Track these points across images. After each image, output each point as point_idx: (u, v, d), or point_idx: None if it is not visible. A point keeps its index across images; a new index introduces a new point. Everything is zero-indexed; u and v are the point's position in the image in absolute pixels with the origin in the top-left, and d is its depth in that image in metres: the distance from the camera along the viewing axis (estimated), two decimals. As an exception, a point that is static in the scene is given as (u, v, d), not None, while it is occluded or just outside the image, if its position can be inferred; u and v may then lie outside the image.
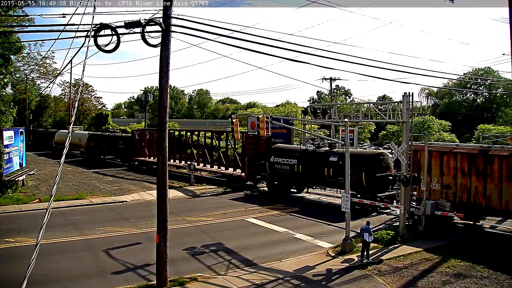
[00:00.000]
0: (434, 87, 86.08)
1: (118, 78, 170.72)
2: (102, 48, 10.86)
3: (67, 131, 53.49)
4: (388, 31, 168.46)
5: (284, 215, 22.18)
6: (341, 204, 16.19)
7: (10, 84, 41.59)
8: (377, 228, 19.08)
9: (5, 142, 25.89)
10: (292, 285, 12.68)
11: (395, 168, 22.64)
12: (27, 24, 30.38)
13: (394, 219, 21.06)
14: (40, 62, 59.50)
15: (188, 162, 32.92)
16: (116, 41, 10.91)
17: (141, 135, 43.10)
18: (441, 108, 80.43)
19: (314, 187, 28.69)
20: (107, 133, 50.09)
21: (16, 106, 32.35)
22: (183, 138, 40.82)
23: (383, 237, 17.11)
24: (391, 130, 49.21)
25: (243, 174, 30.93)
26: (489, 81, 63.68)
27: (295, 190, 29.33)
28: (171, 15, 11.88)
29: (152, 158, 40.15)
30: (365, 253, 14.77)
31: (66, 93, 73.08)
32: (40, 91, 65.38)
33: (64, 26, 11.54)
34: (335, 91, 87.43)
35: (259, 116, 17.80)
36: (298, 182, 27.92)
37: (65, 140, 50.02)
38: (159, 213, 12.41)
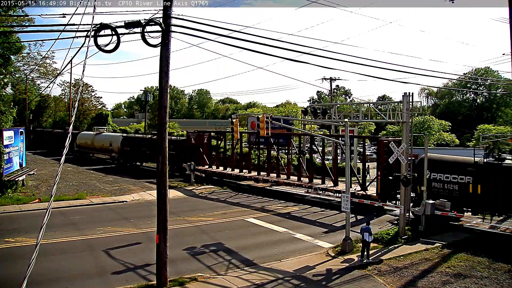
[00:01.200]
0: (434, 87, 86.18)
1: (118, 78, 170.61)
2: (102, 48, 10.86)
3: (91, 133, 50.45)
4: (388, 31, 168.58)
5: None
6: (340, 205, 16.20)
7: (10, 84, 41.59)
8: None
9: (5, 142, 25.87)
10: (292, 285, 12.68)
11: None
12: (27, 24, 30.38)
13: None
14: (40, 62, 59.45)
15: (188, 163, 32.80)
16: (116, 41, 10.91)
17: (199, 138, 35.41)
18: (441, 108, 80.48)
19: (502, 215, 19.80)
20: (149, 136, 41.53)
21: (16, 106, 32.34)
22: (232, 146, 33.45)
23: (383, 237, 17.11)
24: (391, 130, 49.21)
25: (373, 193, 22.64)
26: (489, 81, 63.70)
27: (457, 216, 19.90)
28: (171, 15, 11.88)
29: (216, 167, 33.61)
30: (365, 253, 14.77)
31: (66, 93, 73.02)
32: (40, 91, 65.35)
33: (64, 26, 11.54)
34: (335, 91, 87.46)
35: (259, 116, 17.81)
36: (473, 206, 19.59)
37: (89, 144, 48.33)
38: (159, 213, 12.41)
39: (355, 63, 14.66)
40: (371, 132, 57.78)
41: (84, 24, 11.15)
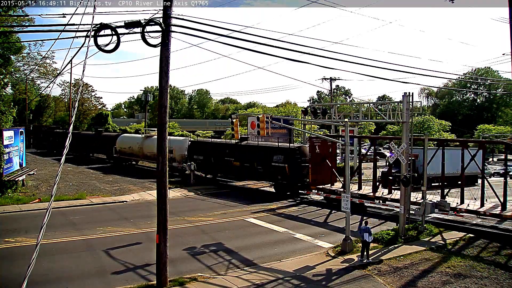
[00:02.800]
0: (434, 87, 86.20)
1: (118, 78, 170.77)
2: (102, 48, 10.86)
3: (138, 135, 42.19)
4: (388, 31, 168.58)
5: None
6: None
7: (10, 84, 41.54)
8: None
9: (5, 142, 25.87)
10: (292, 285, 12.68)
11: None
12: (27, 24, 30.40)
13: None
14: (40, 62, 59.36)
15: (188, 163, 32.81)
16: (116, 41, 10.91)
17: (324, 147, 25.72)
18: (441, 108, 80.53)
19: None
20: (235, 141, 29.53)
21: (16, 106, 32.33)
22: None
23: (383, 237, 17.11)
24: (391, 130, 49.27)
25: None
26: (489, 81, 63.74)
27: None
28: (171, 15, 11.88)
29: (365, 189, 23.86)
30: (365, 253, 14.77)
31: (66, 93, 73.02)
32: (40, 91, 65.33)
33: (64, 26, 11.55)
34: (335, 91, 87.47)
35: (259, 116, 17.81)
36: None
37: (135, 150, 40.13)
38: (159, 213, 12.41)
39: (355, 63, 14.68)
40: (371, 132, 57.83)
41: (84, 24, 11.16)
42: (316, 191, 25.03)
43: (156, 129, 38.99)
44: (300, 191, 27.07)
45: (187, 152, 34.35)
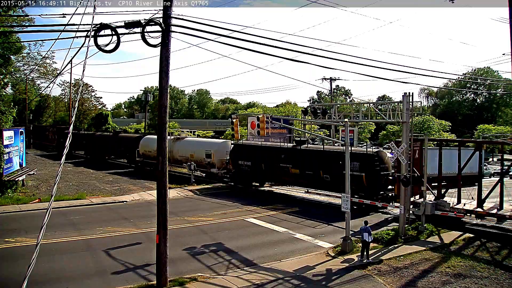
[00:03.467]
0: (434, 87, 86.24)
1: (118, 78, 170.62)
2: (102, 48, 10.86)
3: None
4: (388, 31, 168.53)
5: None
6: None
7: (10, 84, 41.50)
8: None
9: (5, 142, 25.87)
10: (292, 285, 12.68)
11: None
12: (27, 24, 30.35)
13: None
14: (40, 62, 59.35)
15: (188, 163, 32.79)
16: (116, 41, 10.91)
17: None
18: (441, 108, 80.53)
19: None
20: (292, 144, 27.67)
21: (16, 106, 32.33)
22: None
23: (383, 237, 17.11)
24: (391, 130, 49.26)
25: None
26: (489, 81, 63.74)
27: None
28: (171, 15, 11.88)
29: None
30: (365, 253, 14.77)
31: (66, 93, 73.01)
32: (40, 91, 65.33)
33: (64, 26, 11.54)
34: (335, 91, 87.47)
35: (259, 116, 17.82)
36: None
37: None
38: (159, 213, 12.40)
39: (355, 63, 14.66)
40: (371, 132, 57.82)
41: (84, 24, 11.15)
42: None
43: (184, 130, 35.99)
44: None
45: (229, 156, 30.28)
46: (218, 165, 31.18)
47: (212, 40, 12.95)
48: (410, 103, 18.35)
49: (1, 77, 26.79)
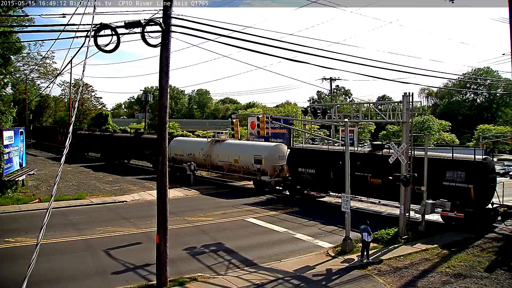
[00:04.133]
0: (434, 87, 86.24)
1: (118, 78, 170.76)
2: (102, 48, 10.86)
3: (201, 140, 35.79)
4: (388, 31, 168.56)
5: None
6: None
7: (10, 84, 41.47)
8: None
9: (5, 142, 25.87)
10: (292, 285, 12.68)
11: None
12: (27, 24, 30.37)
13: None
14: (40, 62, 59.43)
15: (188, 163, 32.78)
16: (116, 41, 10.91)
17: None
18: (441, 108, 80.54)
19: None
20: (369, 150, 24.64)
21: (16, 106, 32.33)
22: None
23: (383, 237, 17.10)
24: (391, 130, 49.27)
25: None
26: (489, 81, 63.75)
27: None
28: (171, 15, 11.87)
29: None
30: (365, 253, 14.77)
31: (66, 93, 73.03)
32: (40, 91, 65.34)
33: (64, 26, 11.54)
34: (335, 91, 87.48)
35: (259, 116, 17.83)
36: None
37: (200, 159, 32.33)
38: (159, 213, 12.41)
39: (355, 63, 14.67)
40: (371, 132, 57.84)
41: (84, 24, 11.15)
42: None
43: (224, 131, 33.86)
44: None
45: (286, 162, 26.55)
46: (270, 172, 27.15)
47: (212, 40, 12.96)
48: (410, 103, 18.33)
49: (1, 77, 26.79)
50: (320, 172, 24.76)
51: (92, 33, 10.17)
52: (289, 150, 27.35)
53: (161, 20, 11.62)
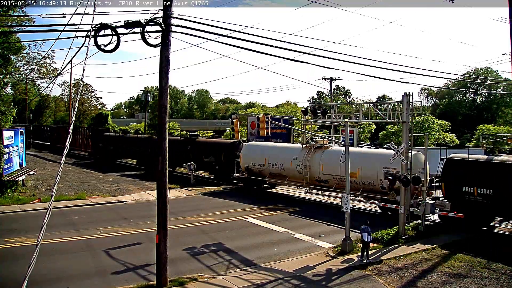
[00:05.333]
0: (434, 87, 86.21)
1: (118, 78, 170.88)
2: (102, 48, 10.86)
3: (279, 145, 28.89)
4: (388, 31, 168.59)
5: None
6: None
7: (10, 84, 41.44)
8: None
9: (5, 142, 25.88)
10: (292, 285, 12.68)
11: None
12: (27, 24, 30.37)
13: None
14: (40, 62, 59.42)
15: (188, 163, 32.74)
16: (116, 41, 10.91)
17: None
18: (441, 108, 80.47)
19: None
20: None
21: (16, 106, 32.33)
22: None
23: (383, 237, 17.10)
24: (391, 130, 49.22)
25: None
26: (489, 81, 63.70)
27: None
28: (171, 15, 11.88)
29: None
30: (365, 253, 14.77)
31: (66, 93, 73.08)
32: (40, 91, 65.36)
33: (64, 26, 11.55)
34: (335, 91, 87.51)
35: (259, 116, 17.83)
36: None
37: (286, 168, 25.54)
38: (159, 213, 12.41)
39: (355, 63, 14.67)
40: (371, 132, 57.82)
41: (84, 24, 11.16)
42: None
43: (322, 135, 26.47)
44: None
45: (443, 178, 19.15)
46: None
47: (212, 40, 12.96)
48: (410, 103, 18.33)
49: (1, 77, 26.78)
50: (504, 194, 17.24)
51: (92, 33, 10.16)
52: (444, 159, 19.32)
53: (161, 20, 11.62)
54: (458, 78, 54.19)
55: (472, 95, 79.33)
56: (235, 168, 29.74)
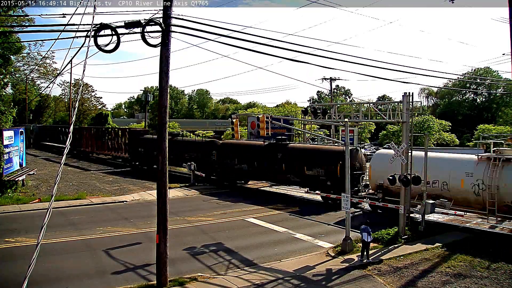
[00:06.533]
0: (434, 87, 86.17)
1: (118, 78, 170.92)
2: (102, 48, 10.86)
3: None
4: (388, 31, 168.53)
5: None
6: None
7: (10, 84, 41.41)
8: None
9: (5, 142, 25.88)
10: (292, 285, 12.68)
11: None
12: (27, 24, 30.42)
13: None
14: (40, 62, 59.39)
15: (188, 163, 32.69)
16: (116, 41, 10.91)
17: None
18: (441, 108, 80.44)
19: None
20: None
21: (16, 106, 32.33)
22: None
23: (383, 237, 17.10)
24: (391, 130, 49.22)
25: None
26: (489, 81, 63.69)
27: None
28: (171, 15, 11.88)
29: None
30: (365, 253, 14.77)
31: (66, 93, 73.08)
32: (40, 91, 65.31)
33: (64, 26, 11.54)
34: (335, 91, 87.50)
35: (259, 116, 17.83)
36: None
37: (454, 190, 18.22)
38: (159, 213, 12.41)
39: (355, 63, 14.66)
40: (371, 132, 57.82)
41: (84, 24, 11.18)
42: None
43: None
44: None
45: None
46: None
47: (212, 40, 12.96)
48: (410, 103, 18.34)
49: (1, 77, 26.78)
50: None
51: (92, 33, 10.16)
52: None
53: (161, 20, 11.62)
54: (458, 78, 54.22)
55: (472, 95, 79.31)
56: (360, 182, 24.08)
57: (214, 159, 31.80)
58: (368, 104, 25.78)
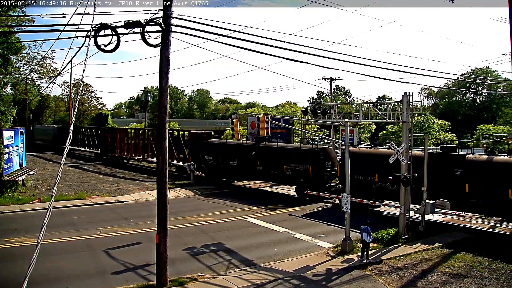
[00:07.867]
0: (434, 87, 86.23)
1: (118, 78, 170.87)
2: (102, 48, 10.86)
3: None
4: (388, 31, 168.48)
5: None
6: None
7: (10, 84, 41.39)
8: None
9: (5, 142, 25.88)
10: (292, 285, 12.68)
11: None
12: (27, 24, 30.39)
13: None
14: (40, 62, 59.39)
15: (188, 163, 32.69)
16: (116, 41, 10.91)
17: None
18: (441, 108, 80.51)
19: None
20: None
21: (16, 106, 32.32)
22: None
23: (383, 237, 17.10)
24: (391, 130, 49.22)
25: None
26: (488, 81, 63.73)
27: None
28: (171, 15, 11.88)
29: None
30: (365, 253, 14.77)
31: (66, 93, 73.11)
32: (40, 91, 65.29)
33: (64, 26, 11.54)
34: (335, 91, 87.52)
35: (259, 116, 17.82)
36: None
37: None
38: (159, 213, 12.41)
39: (355, 63, 14.64)
40: (372, 132, 57.80)
41: (84, 24, 11.18)
42: None
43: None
44: None
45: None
46: None
47: (212, 40, 12.95)
48: (410, 103, 18.34)
49: (1, 77, 26.77)
50: None
51: (92, 33, 10.16)
52: None
53: (161, 20, 11.62)
54: (458, 78, 54.25)
55: (472, 95, 79.36)
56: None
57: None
58: (368, 104, 25.78)
